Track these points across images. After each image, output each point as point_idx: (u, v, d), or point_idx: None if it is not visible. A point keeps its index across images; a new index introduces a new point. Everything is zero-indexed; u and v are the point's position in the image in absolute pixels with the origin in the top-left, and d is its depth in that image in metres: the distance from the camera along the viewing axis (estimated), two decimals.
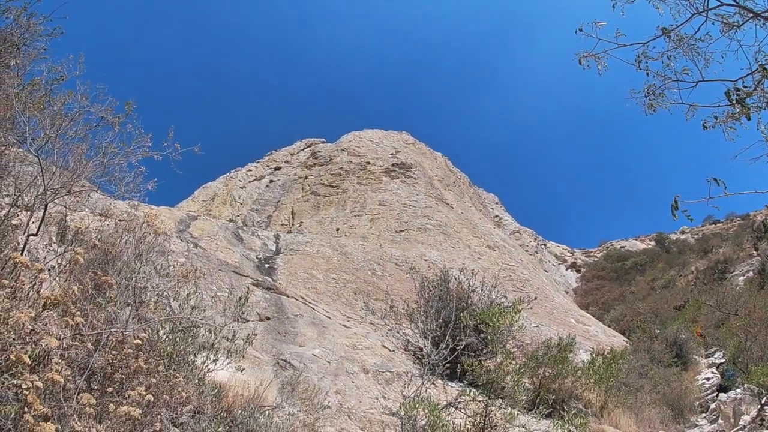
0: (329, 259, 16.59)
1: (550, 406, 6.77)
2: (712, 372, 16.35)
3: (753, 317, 15.02)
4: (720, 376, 15.03)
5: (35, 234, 4.63)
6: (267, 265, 14.90)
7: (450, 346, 6.55)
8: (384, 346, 9.75)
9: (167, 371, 3.72)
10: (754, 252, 34.85)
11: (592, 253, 58.40)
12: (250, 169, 35.62)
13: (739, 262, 35.44)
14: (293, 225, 25.82)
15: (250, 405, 4.79)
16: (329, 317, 10.88)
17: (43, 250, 5.60)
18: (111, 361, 3.35)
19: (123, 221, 7.31)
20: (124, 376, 3.33)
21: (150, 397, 3.18)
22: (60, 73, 6.49)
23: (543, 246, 52.44)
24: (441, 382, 7.25)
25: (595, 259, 55.92)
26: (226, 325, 5.17)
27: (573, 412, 6.27)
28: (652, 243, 55.68)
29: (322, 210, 26.32)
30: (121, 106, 5.98)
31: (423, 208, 24.70)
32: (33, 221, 4.78)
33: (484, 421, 5.68)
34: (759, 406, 9.71)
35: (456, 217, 25.50)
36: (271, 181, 32.61)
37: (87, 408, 2.77)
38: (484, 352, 9.19)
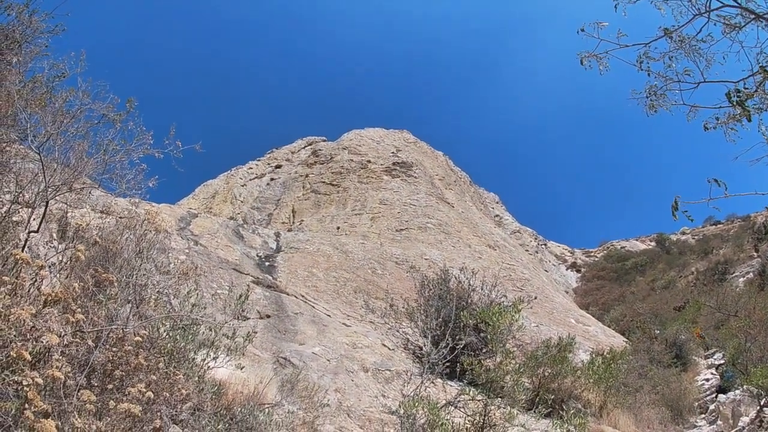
0: (330, 257, 16.60)
1: (549, 406, 6.78)
2: (712, 373, 16.36)
3: (753, 319, 15.02)
4: (719, 377, 15.04)
5: (36, 231, 4.64)
6: (267, 263, 14.92)
7: (450, 345, 6.55)
8: (384, 345, 9.76)
9: (167, 368, 3.73)
10: (755, 253, 34.83)
11: (592, 253, 58.37)
12: (251, 167, 35.59)
13: (740, 263, 35.45)
14: (294, 223, 25.82)
15: (250, 402, 4.80)
16: (329, 315, 10.89)
17: (44, 247, 5.61)
18: (111, 358, 3.36)
19: (124, 218, 7.32)
20: (125, 373, 3.33)
21: (150, 394, 3.18)
22: (61, 70, 6.50)
23: (543, 246, 52.44)
24: (440, 381, 7.26)
25: (596, 259, 55.89)
26: (226, 322, 5.18)
27: (572, 411, 6.28)
28: (653, 243, 55.62)
29: (322, 208, 26.33)
30: (123, 103, 6.00)
31: (423, 207, 24.71)
32: (34, 218, 4.79)
33: (484, 420, 5.69)
34: (758, 408, 9.71)
35: (456, 216, 25.50)
36: (271, 179, 32.60)
37: (87, 405, 2.78)
38: (484, 351, 9.20)
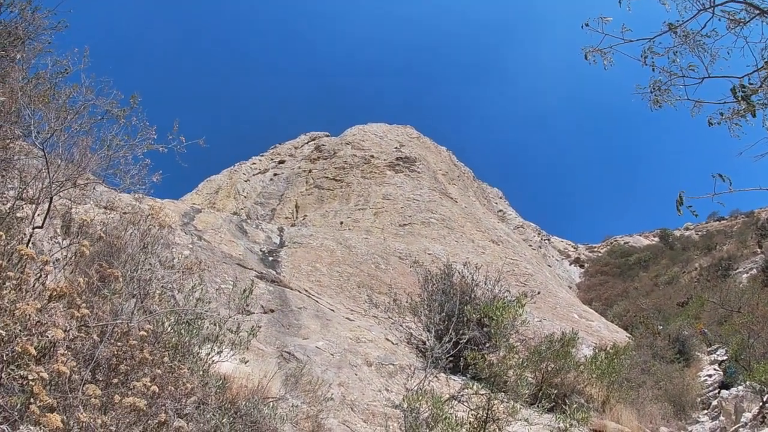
0: (333, 252, 16.62)
1: (552, 401, 6.79)
2: (715, 369, 16.37)
3: (756, 314, 15.02)
4: (722, 373, 15.04)
5: (40, 226, 4.65)
6: (271, 258, 14.95)
7: (453, 340, 6.57)
8: (387, 339, 9.78)
9: (172, 363, 3.75)
10: (758, 249, 34.76)
11: (595, 249, 58.31)
12: (254, 163, 35.59)
13: (743, 259, 35.39)
14: (297, 218, 25.85)
15: (254, 396, 4.82)
16: (333, 310, 10.92)
17: (48, 243, 5.64)
18: (116, 352, 3.38)
19: (128, 214, 7.34)
20: (129, 368, 3.36)
21: (155, 388, 3.20)
22: (65, 66, 6.49)
23: (547, 241, 52.38)
24: (444, 375, 7.28)
25: (599, 254, 55.85)
26: (230, 317, 5.21)
27: (575, 406, 6.28)
28: (656, 239, 55.52)
29: (326, 203, 26.34)
30: (126, 99, 6.00)
31: (427, 202, 24.69)
32: (38, 214, 4.81)
33: (487, 414, 5.70)
34: (761, 404, 9.69)
35: (460, 211, 25.47)
36: (275, 174, 32.61)
37: (92, 399, 2.80)
38: (487, 345, 9.21)
